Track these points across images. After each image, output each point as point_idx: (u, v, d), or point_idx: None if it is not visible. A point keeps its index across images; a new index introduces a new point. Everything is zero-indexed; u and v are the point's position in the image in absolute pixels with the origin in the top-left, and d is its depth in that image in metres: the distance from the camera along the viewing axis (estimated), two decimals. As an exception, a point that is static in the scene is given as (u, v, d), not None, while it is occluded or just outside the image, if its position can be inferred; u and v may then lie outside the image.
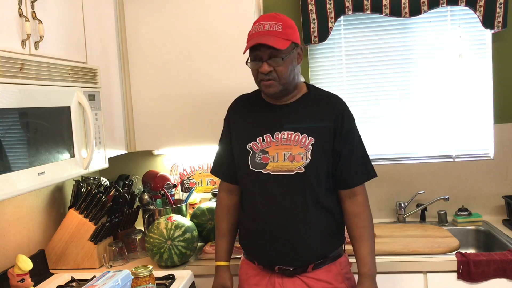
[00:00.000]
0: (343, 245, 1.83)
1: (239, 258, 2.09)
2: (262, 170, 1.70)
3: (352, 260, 1.83)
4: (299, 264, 1.72)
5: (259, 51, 1.63)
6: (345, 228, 1.81)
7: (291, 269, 1.73)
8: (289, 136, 1.70)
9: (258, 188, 1.73)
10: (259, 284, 1.79)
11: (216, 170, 1.92)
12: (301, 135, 1.69)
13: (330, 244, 1.76)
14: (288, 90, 1.71)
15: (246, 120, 1.79)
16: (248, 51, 1.68)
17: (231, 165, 1.84)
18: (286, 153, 1.69)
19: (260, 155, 1.71)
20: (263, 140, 1.72)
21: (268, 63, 1.63)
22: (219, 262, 1.89)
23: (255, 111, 1.79)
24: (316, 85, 1.85)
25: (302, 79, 1.84)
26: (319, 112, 1.73)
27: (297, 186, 1.68)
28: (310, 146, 1.68)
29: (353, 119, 1.77)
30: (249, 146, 1.73)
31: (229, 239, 1.90)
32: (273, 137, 1.71)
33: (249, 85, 2.27)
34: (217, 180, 2.69)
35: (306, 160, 1.67)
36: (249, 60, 1.69)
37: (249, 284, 1.82)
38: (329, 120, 1.71)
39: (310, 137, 1.68)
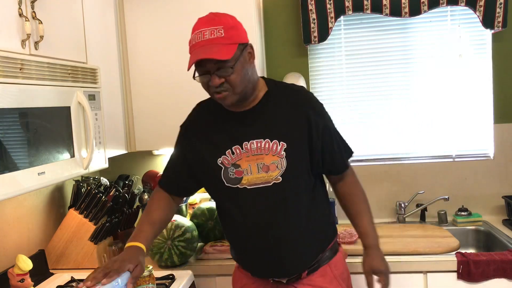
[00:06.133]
0: (336, 237, 1.75)
1: (229, 258, 2.06)
2: (238, 186, 1.56)
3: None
4: (291, 274, 1.64)
5: (205, 65, 1.45)
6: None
7: (285, 281, 1.66)
8: (259, 144, 1.54)
9: (236, 204, 1.60)
10: None
11: (164, 183, 1.71)
12: (271, 142, 1.54)
13: (321, 242, 1.67)
14: (246, 96, 1.54)
15: (210, 133, 1.62)
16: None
17: (180, 178, 1.69)
18: (259, 163, 1.54)
19: (233, 170, 1.56)
20: (233, 153, 1.56)
21: (218, 75, 1.45)
22: (132, 242, 1.49)
23: (218, 122, 1.61)
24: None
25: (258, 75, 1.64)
26: (285, 113, 1.57)
27: (277, 198, 1.55)
28: (283, 152, 1.53)
29: (323, 109, 1.64)
30: (220, 161, 1.57)
31: (156, 230, 1.61)
32: (242, 148, 1.55)
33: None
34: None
35: (282, 168, 1.53)
36: (196, 75, 1.50)
37: None
38: (299, 119, 1.56)
39: (281, 142, 1.53)
